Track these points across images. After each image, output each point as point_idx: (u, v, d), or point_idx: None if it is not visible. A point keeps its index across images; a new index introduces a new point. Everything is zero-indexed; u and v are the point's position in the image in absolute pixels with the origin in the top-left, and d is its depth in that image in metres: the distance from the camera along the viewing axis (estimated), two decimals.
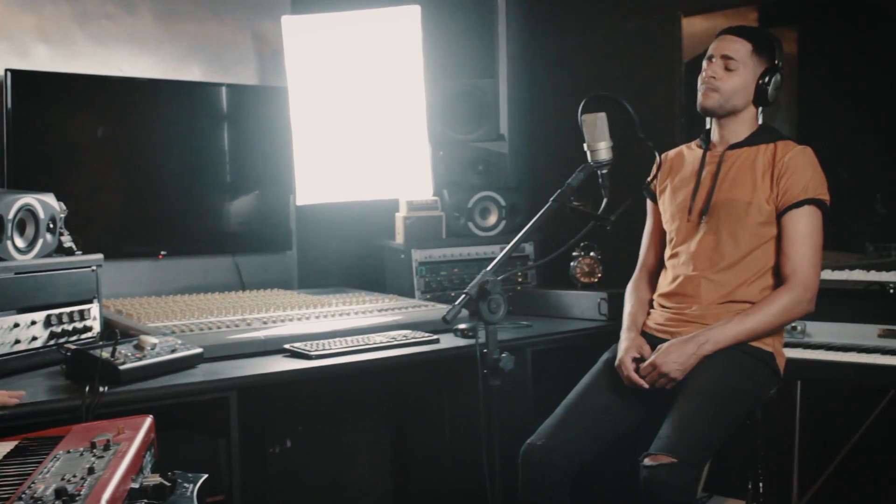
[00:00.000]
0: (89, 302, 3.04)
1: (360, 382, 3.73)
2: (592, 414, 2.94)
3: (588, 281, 3.97)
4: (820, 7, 4.07)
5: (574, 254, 4.00)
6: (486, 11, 4.90)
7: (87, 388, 2.49)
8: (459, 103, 4.35)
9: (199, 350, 2.89)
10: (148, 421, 2.20)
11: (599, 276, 3.97)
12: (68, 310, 2.95)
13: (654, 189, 3.31)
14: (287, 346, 3.11)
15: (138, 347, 2.74)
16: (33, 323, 2.83)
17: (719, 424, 2.78)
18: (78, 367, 2.62)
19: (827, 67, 4.20)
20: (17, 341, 2.77)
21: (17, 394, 2.40)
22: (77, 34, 3.83)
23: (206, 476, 2.10)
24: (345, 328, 3.33)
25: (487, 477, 2.52)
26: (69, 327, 2.95)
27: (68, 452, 1.92)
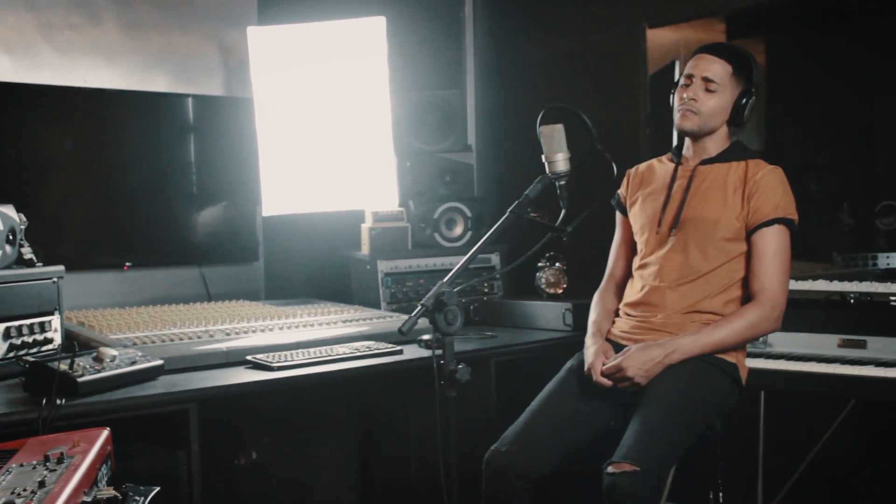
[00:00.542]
0: (50, 314, 3.02)
1: (326, 393, 3.73)
2: (556, 421, 2.93)
3: (553, 291, 3.98)
4: (787, 19, 4.11)
5: (539, 264, 4.01)
6: (452, 23, 4.92)
7: (45, 401, 2.47)
8: (426, 114, 4.36)
9: (160, 362, 2.87)
10: (104, 434, 2.19)
11: (565, 286, 3.98)
12: (28, 322, 2.93)
13: (623, 201, 3.32)
14: (249, 357, 3.10)
15: (97, 360, 2.73)
16: None
17: (682, 434, 2.79)
18: (36, 380, 2.60)
19: (794, 78, 4.24)
20: None
21: None
22: (41, 45, 3.82)
23: (157, 489, 2.09)
24: (309, 339, 3.33)
25: (444, 488, 2.52)
26: (29, 339, 2.93)
27: (21, 466, 1.91)
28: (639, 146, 4.14)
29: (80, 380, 2.59)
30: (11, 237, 2.97)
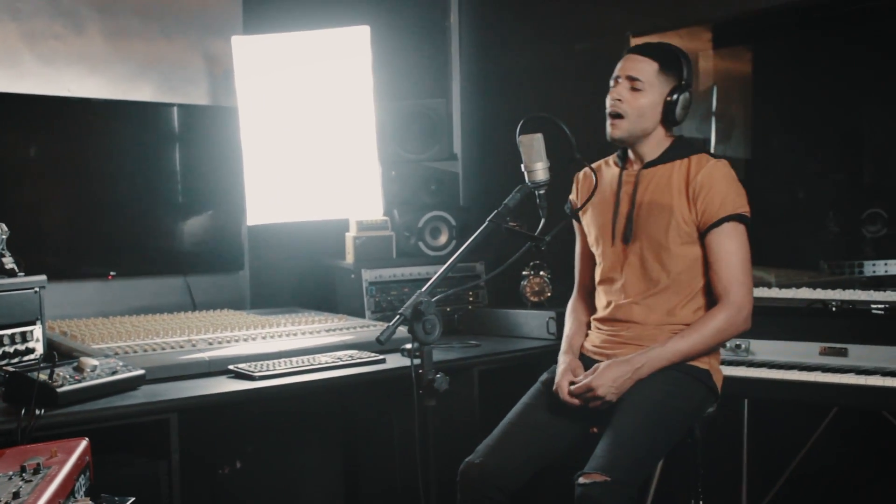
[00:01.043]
0: (32, 324, 3.02)
1: (310, 402, 3.73)
2: (531, 433, 2.92)
3: (537, 300, 3.99)
4: (773, 27, 4.11)
5: (524, 273, 4.01)
6: (438, 32, 4.94)
7: (23, 411, 2.47)
8: (412, 123, 4.37)
9: (141, 372, 2.87)
10: (83, 444, 2.19)
11: (549, 294, 3.99)
12: (10, 332, 2.93)
13: (575, 208, 3.27)
14: (232, 367, 3.10)
15: (78, 369, 2.73)
16: None
17: (654, 443, 2.79)
18: (15, 390, 2.60)
19: (781, 86, 4.23)
20: None
21: None
22: (25, 54, 3.81)
23: (132, 500, 2.09)
24: (292, 348, 3.33)
25: (423, 498, 2.51)
26: (10, 349, 2.93)
27: None
28: None
29: (59, 390, 2.59)
30: None
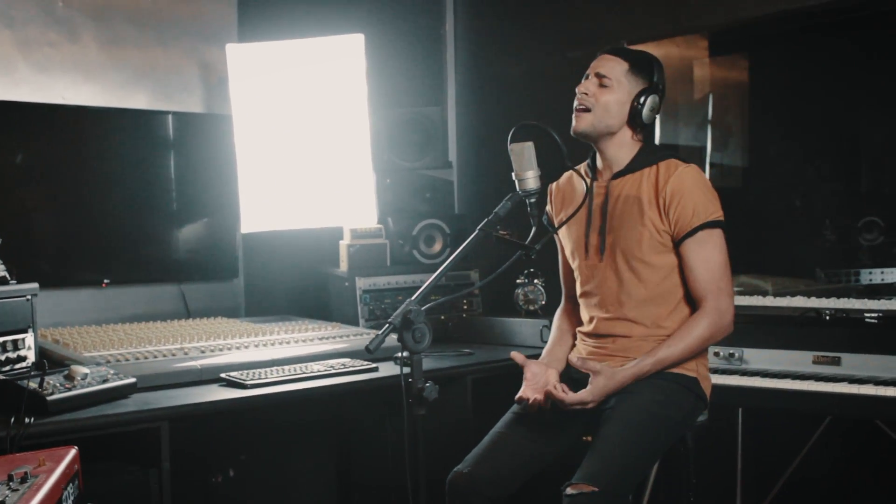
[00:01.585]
0: (24, 331, 3.01)
1: (304, 411, 3.73)
2: (519, 442, 2.91)
3: (531, 308, 3.99)
4: (770, 35, 4.11)
5: (518, 281, 4.01)
6: (433, 40, 4.94)
7: (13, 420, 2.47)
8: (406, 131, 4.37)
9: (132, 380, 2.87)
10: (71, 453, 2.19)
11: (543, 303, 3.98)
12: (1, 339, 2.92)
13: (552, 220, 3.23)
14: (223, 375, 3.09)
15: (68, 378, 2.73)
16: None
17: (643, 452, 2.78)
18: (5, 398, 2.60)
19: (778, 94, 4.24)
20: None
21: None
22: (19, 62, 3.81)
23: None
24: (284, 357, 3.33)
25: None
26: (2, 357, 2.90)
27: None
28: None
29: (49, 398, 2.58)
30: None
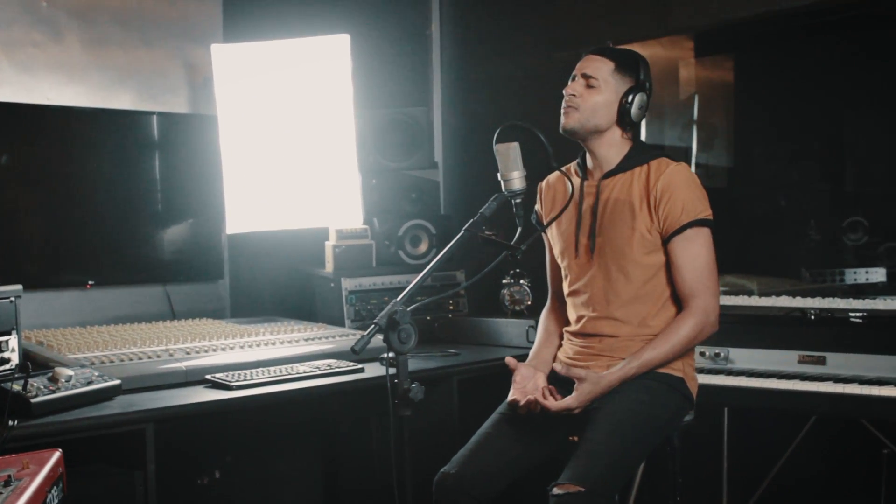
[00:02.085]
0: (7, 333, 2.98)
1: (290, 412, 3.72)
2: (506, 442, 2.90)
3: (518, 308, 3.99)
4: (755, 36, 4.13)
5: (504, 281, 4.01)
6: (419, 40, 4.94)
7: None
8: (392, 131, 4.36)
9: (117, 382, 2.86)
10: (55, 455, 2.18)
11: (529, 303, 3.98)
12: None
13: (541, 219, 3.24)
14: (209, 376, 3.08)
15: (52, 380, 2.71)
16: None
17: (629, 452, 2.78)
18: None
19: (762, 95, 4.26)
20: None
21: None
22: (2, 63, 3.79)
23: None
24: (270, 358, 3.32)
25: None
26: None
27: None
28: None
29: (33, 400, 2.57)
30: None
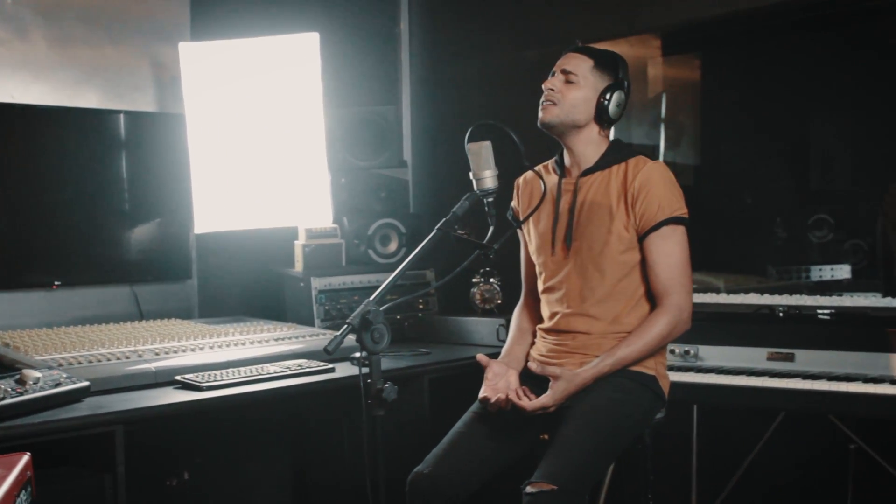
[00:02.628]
0: None
1: (260, 412, 3.70)
2: (480, 441, 2.91)
3: (488, 307, 3.99)
4: (722, 35, 4.15)
5: (474, 280, 4.01)
6: (388, 39, 4.93)
7: None
8: (361, 130, 4.35)
9: (86, 384, 2.83)
10: (24, 459, 2.16)
11: (499, 302, 3.99)
12: None
13: (518, 215, 3.25)
14: (178, 377, 3.06)
15: (20, 382, 2.68)
16: None
17: (602, 450, 2.79)
18: None
19: (729, 94, 4.27)
20: None
21: None
22: None
23: None
24: (240, 358, 3.30)
25: None
26: None
27: None
28: None
29: (0, 403, 2.54)
30: None
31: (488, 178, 2.74)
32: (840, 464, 3.62)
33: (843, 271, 3.83)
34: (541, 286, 3.16)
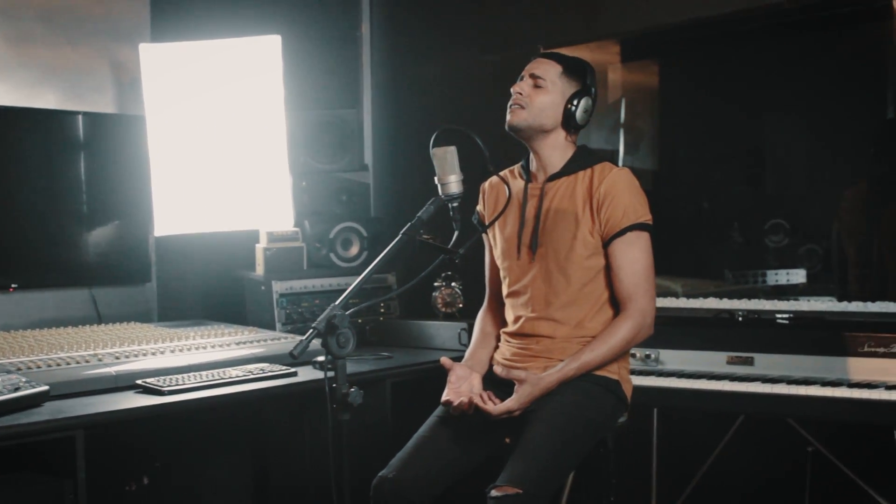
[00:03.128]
0: None
1: (220, 416, 3.68)
2: (444, 445, 2.92)
3: (449, 311, 4.00)
4: (679, 42, 4.18)
5: (435, 284, 4.02)
6: (349, 42, 4.92)
7: None
8: (322, 133, 4.34)
9: (45, 388, 2.79)
10: None
11: (461, 305, 4.00)
12: None
13: (483, 219, 3.27)
14: (140, 381, 3.03)
15: None
16: None
17: (565, 454, 2.80)
18: None
19: (686, 99, 4.31)
20: None
21: None
22: None
23: None
24: (201, 362, 3.27)
25: None
26: None
27: None
28: None
29: None
30: None
31: (453, 182, 2.75)
32: (798, 466, 3.66)
33: (798, 276, 3.87)
34: (505, 290, 3.18)
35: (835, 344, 3.39)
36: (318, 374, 3.25)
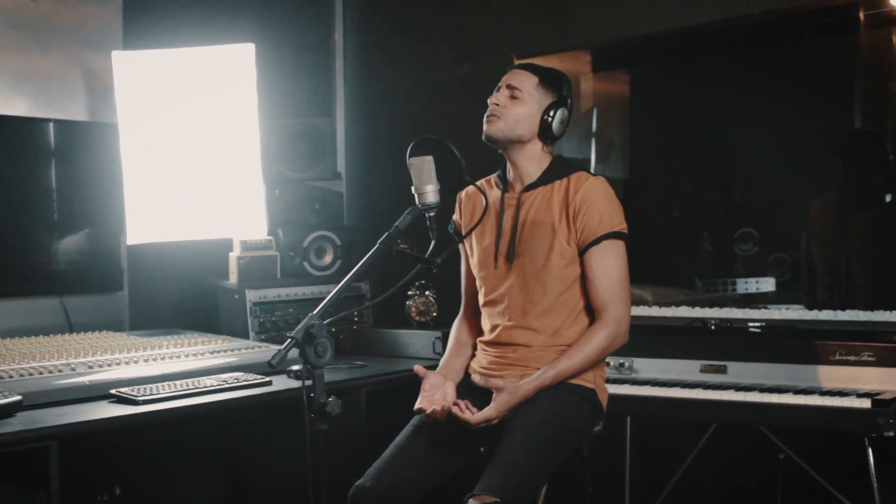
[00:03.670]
0: None
1: (194, 426, 3.65)
2: (421, 454, 2.92)
3: (423, 320, 4.00)
4: (650, 52, 4.22)
5: (409, 293, 4.02)
6: (323, 51, 4.93)
7: None
8: (295, 142, 4.33)
9: (18, 398, 2.76)
10: None
11: (434, 314, 4.00)
12: None
13: (459, 229, 3.28)
14: (113, 391, 3.01)
15: None
16: None
17: (542, 462, 2.81)
18: None
19: (656, 109, 4.34)
20: None
21: None
22: None
23: None
24: (175, 371, 3.25)
25: None
26: None
27: None
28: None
29: None
30: None
31: (430, 192, 2.76)
32: (770, 473, 3.68)
33: (767, 284, 3.90)
34: (482, 299, 3.19)
35: (806, 352, 3.42)
36: (294, 384, 3.24)
